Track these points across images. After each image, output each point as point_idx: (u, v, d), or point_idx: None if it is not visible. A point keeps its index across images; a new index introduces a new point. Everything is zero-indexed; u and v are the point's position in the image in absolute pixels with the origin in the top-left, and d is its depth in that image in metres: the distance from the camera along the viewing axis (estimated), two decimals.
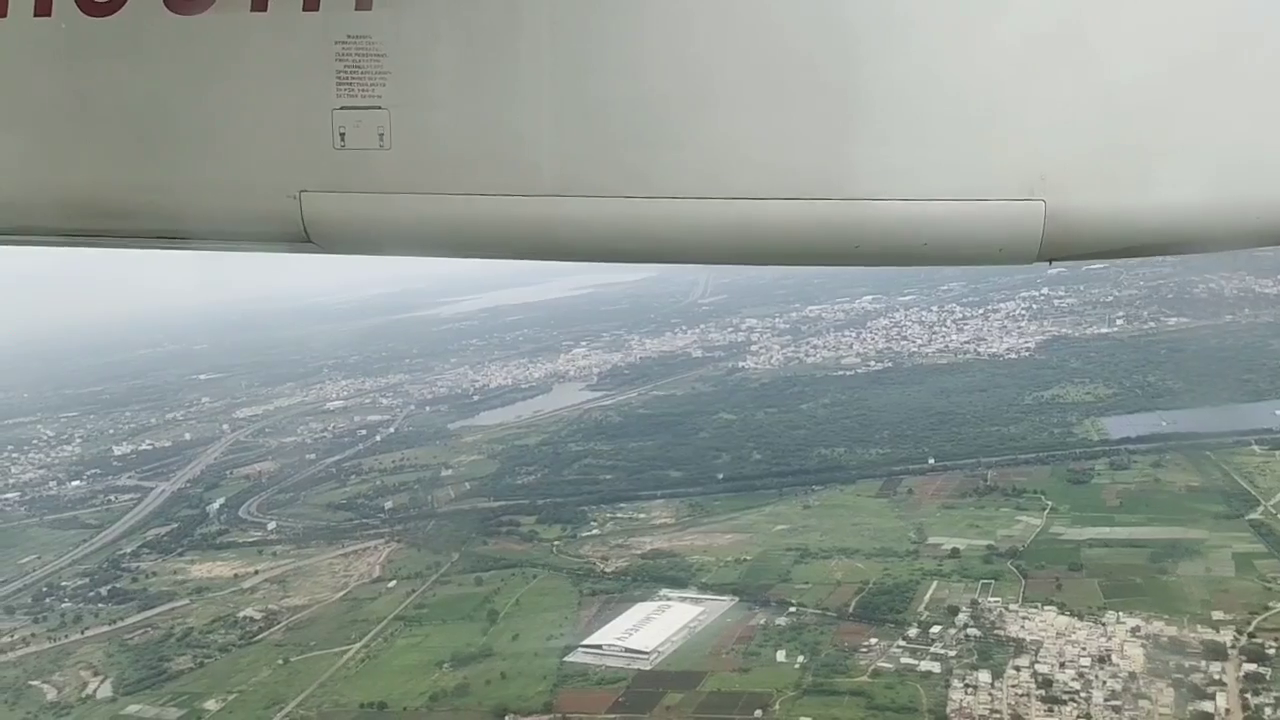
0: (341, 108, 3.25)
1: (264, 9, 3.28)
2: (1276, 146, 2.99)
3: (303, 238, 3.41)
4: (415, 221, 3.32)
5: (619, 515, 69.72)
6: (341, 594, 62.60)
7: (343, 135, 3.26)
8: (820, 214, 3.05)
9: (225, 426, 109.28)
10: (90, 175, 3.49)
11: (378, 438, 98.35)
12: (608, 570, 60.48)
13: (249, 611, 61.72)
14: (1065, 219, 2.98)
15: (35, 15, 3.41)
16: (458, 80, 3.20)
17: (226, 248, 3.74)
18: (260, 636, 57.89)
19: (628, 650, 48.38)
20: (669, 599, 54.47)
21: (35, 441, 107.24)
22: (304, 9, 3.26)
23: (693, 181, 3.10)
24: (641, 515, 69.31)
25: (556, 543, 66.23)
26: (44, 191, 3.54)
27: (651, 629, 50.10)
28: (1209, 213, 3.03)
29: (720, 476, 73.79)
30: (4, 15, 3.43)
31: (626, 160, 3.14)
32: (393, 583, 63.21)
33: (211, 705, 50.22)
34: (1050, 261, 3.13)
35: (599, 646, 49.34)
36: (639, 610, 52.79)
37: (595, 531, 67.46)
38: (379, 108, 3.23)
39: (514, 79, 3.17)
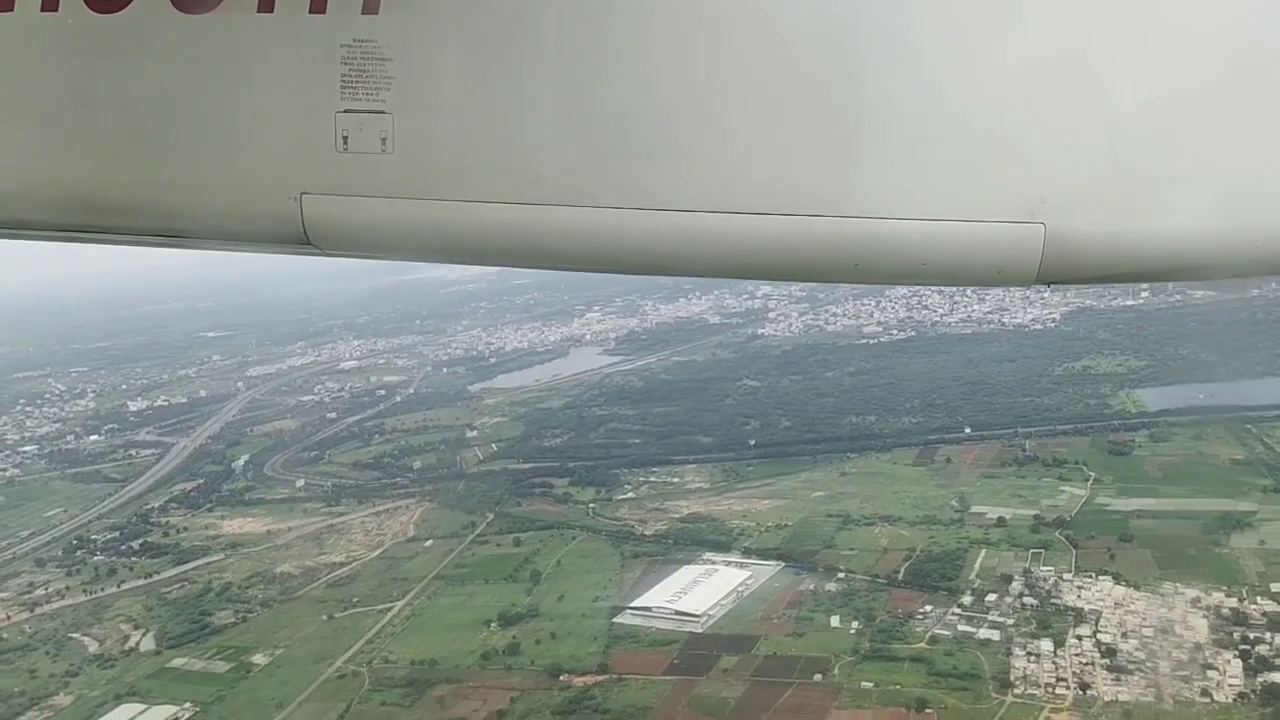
0: (345, 111, 3.24)
1: (270, 10, 3.27)
2: (1276, 175, 2.97)
3: (302, 239, 3.40)
4: (415, 226, 3.31)
5: (652, 479, 69.65)
6: (379, 552, 62.52)
7: (345, 138, 3.25)
8: (820, 231, 3.05)
9: (240, 384, 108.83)
10: (92, 171, 3.49)
11: (397, 398, 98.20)
12: (647, 533, 60.45)
13: (286, 568, 61.64)
14: (1065, 243, 2.98)
15: (42, 10, 3.40)
16: (461, 87, 3.19)
17: (226, 247, 3.76)
18: (301, 592, 57.83)
19: (678, 613, 48.40)
20: (713, 562, 54.46)
21: (48, 395, 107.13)
22: (310, 11, 3.25)
23: (694, 195, 3.09)
24: (675, 479, 69.28)
25: (592, 505, 66.16)
26: (45, 186, 3.54)
27: (700, 592, 50.11)
28: (1210, 241, 3.01)
29: (752, 443, 73.71)
30: (10, 10, 3.42)
31: (628, 172, 3.13)
32: (429, 542, 63.12)
33: (259, 659, 50.13)
34: (1049, 285, 3.13)
35: (648, 609, 49.34)
36: (685, 573, 52.78)
37: (630, 495, 67.45)
38: (382, 112, 3.22)
39: (518, 87, 3.16)
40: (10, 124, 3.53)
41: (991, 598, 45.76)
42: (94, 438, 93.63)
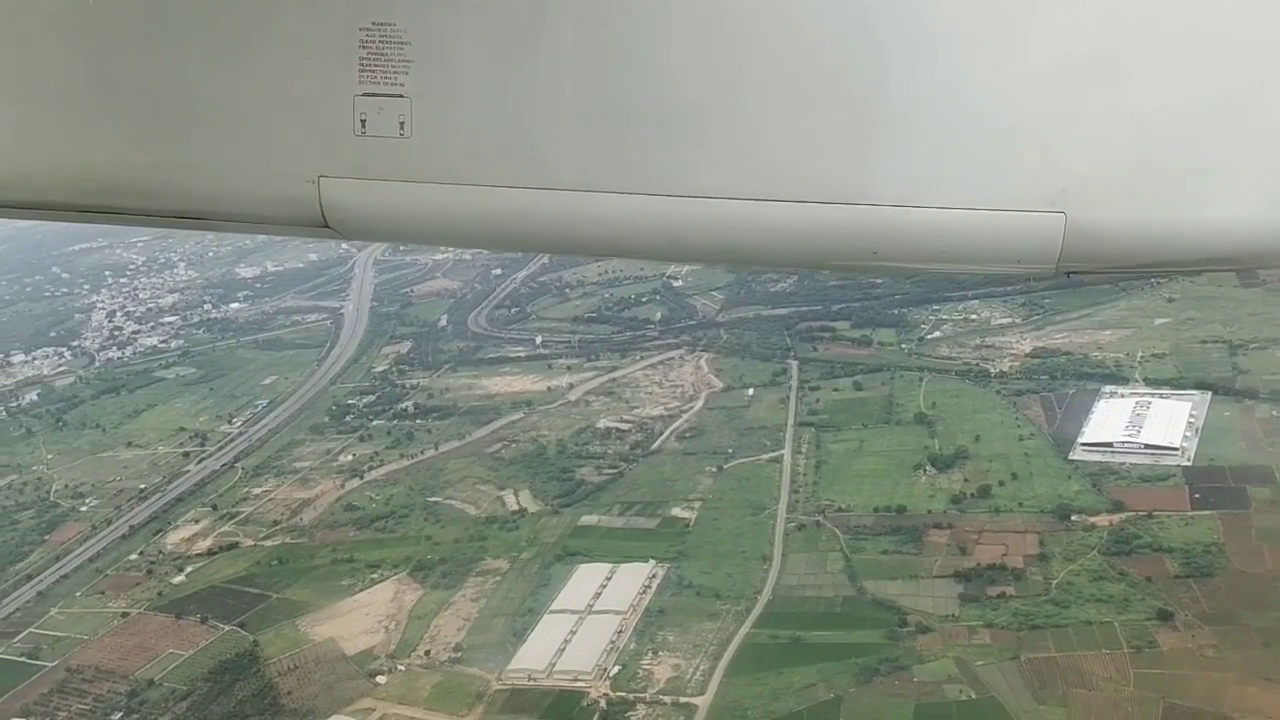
0: (363, 94, 3.20)
1: None
2: None
3: (320, 223, 3.36)
4: (432, 211, 3.28)
5: (946, 318, 65.34)
6: (701, 403, 57.81)
7: (363, 122, 3.21)
8: (839, 219, 3.00)
9: (344, 246, 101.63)
10: (110, 153, 3.48)
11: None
12: (1004, 370, 56.37)
13: (607, 423, 56.81)
14: (1085, 232, 2.93)
15: None
16: (480, 71, 3.15)
17: (243, 230, 3.73)
18: (654, 447, 53.12)
19: (1148, 447, 44.64)
20: (1121, 394, 50.61)
21: (130, 267, 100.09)
22: None
23: (713, 182, 3.04)
24: (973, 316, 65.04)
25: (904, 346, 61.87)
26: (64, 167, 3.53)
27: (1153, 424, 46.38)
28: (1235, 233, 2.93)
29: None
30: None
31: (646, 158, 3.09)
32: (750, 391, 58.54)
33: (680, 513, 45.77)
34: (1069, 274, 3.10)
35: (1108, 445, 45.59)
36: (1113, 407, 48.90)
37: (936, 334, 63.25)
38: (400, 95, 3.18)
39: (537, 72, 3.10)
40: (30, 105, 3.51)
41: None
42: (235, 305, 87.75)
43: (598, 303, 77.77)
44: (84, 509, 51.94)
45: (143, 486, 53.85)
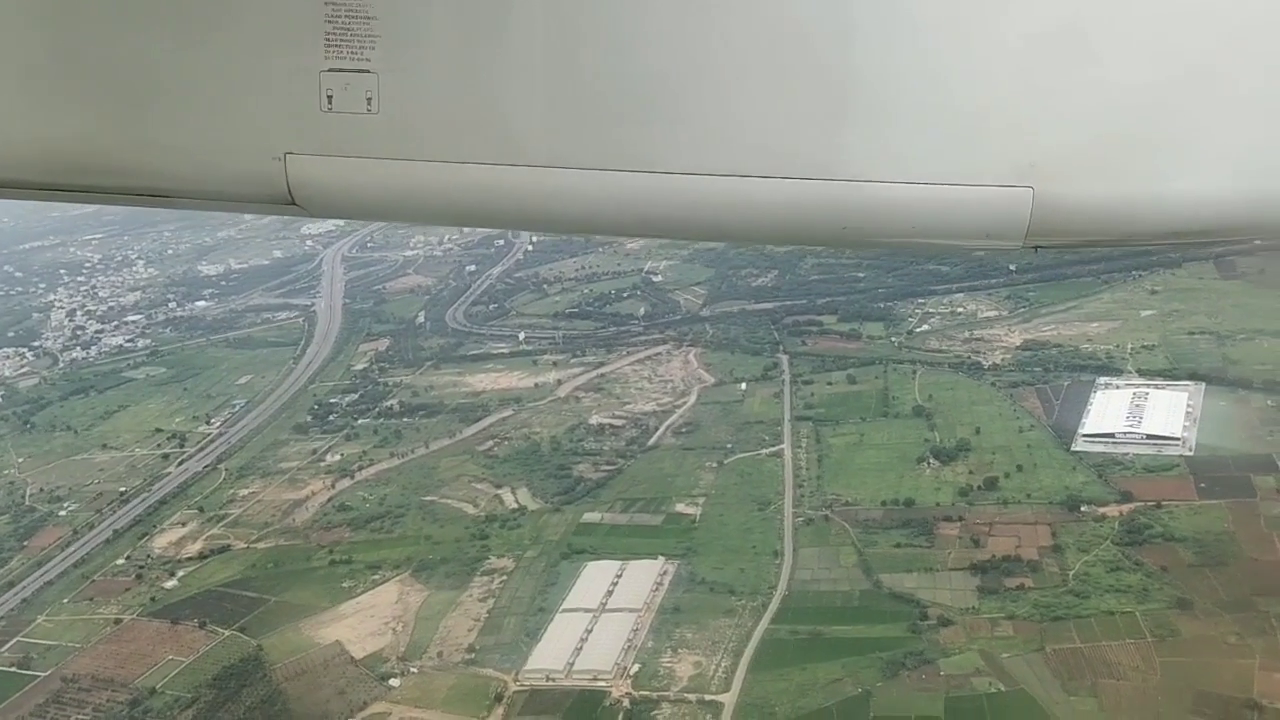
0: (329, 70, 3.14)
1: None
2: (1269, 142, 2.89)
3: (287, 200, 3.31)
4: (400, 188, 3.24)
5: (932, 311, 65.40)
6: (694, 399, 57.27)
7: (330, 98, 3.16)
8: (809, 194, 2.99)
9: (309, 243, 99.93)
10: (76, 131, 3.40)
11: (529, 247, 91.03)
12: (997, 362, 56.48)
13: (600, 419, 56.11)
14: (1053, 206, 2.95)
15: None
16: (448, 47, 3.10)
17: (210, 207, 3.66)
18: (651, 443, 52.48)
19: (1150, 437, 44.83)
20: (1116, 385, 50.87)
21: (86, 265, 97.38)
22: None
23: (683, 158, 3.02)
24: (960, 309, 65.19)
25: (892, 339, 61.80)
26: (29, 146, 3.45)
27: (1152, 414, 46.61)
28: (1199, 206, 2.95)
29: (1013, 268, 69.68)
30: None
31: (617, 134, 3.07)
32: (743, 385, 58.10)
33: (684, 509, 45.21)
34: (1036, 248, 3.11)
35: (1110, 435, 45.72)
36: (1111, 398, 49.13)
37: (924, 327, 63.25)
38: (367, 71, 3.13)
39: (506, 48, 3.06)
40: None
41: None
42: (200, 303, 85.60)
43: (577, 298, 76.91)
44: (63, 513, 50.23)
45: (123, 489, 52.22)
